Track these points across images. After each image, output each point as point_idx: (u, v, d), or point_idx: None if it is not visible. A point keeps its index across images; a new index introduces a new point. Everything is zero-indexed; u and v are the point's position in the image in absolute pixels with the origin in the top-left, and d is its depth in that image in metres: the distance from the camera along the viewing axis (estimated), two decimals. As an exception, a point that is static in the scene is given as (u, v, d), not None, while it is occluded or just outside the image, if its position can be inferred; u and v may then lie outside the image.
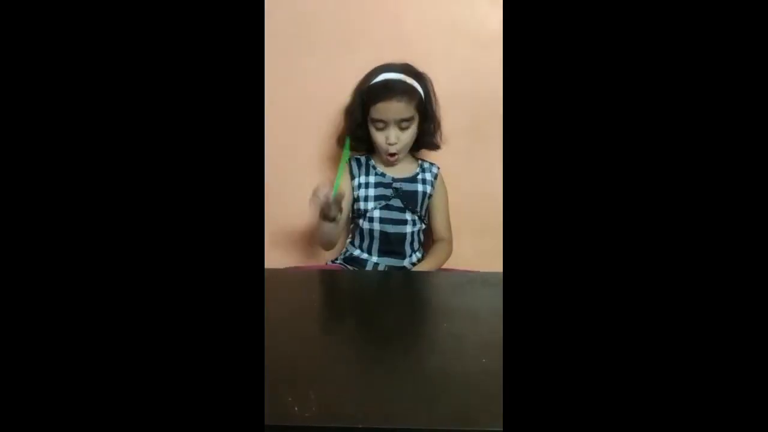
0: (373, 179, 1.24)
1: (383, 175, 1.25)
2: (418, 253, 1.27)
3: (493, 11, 1.29)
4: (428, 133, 1.24)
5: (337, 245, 1.29)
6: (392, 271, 1.22)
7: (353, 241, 1.27)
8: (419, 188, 1.25)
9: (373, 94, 1.16)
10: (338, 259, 1.29)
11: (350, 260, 1.25)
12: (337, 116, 1.28)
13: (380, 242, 1.23)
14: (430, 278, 1.10)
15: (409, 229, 1.24)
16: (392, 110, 1.15)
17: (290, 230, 1.43)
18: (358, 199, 1.24)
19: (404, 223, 1.23)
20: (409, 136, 1.19)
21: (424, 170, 1.28)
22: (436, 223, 1.30)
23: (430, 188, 1.27)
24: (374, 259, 1.23)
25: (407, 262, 1.24)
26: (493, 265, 1.20)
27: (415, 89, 1.17)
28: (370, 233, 1.23)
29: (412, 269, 1.21)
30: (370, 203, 1.23)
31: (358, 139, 1.23)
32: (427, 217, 1.29)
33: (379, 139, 1.19)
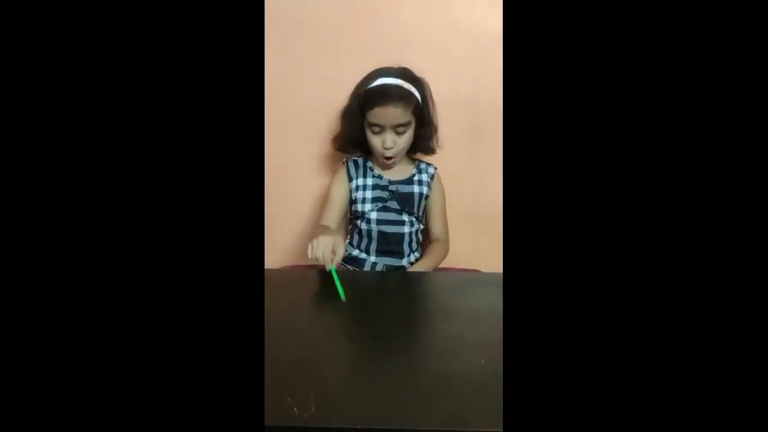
0: (370, 181, 1.25)
1: (380, 177, 1.25)
2: (416, 252, 1.27)
3: (493, 11, 1.28)
4: (424, 137, 1.24)
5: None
6: (391, 271, 1.22)
7: (351, 241, 1.27)
8: (415, 189, 1.25)
9: (369, 98, 1.15)
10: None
11: (349, 260, 1.25)
12: (335, 118, 1.28)
13: (378, 242, 1.24)
14: (429, 278, 1.09)
15: (406, 229, 1.24)
16: (389, 115, 1.14)
17: (290, 230, 1.43)
18: (355, 201, 1.24)
19: (402, 224, 1.24)
20: (405, 140, 1.19)
21: (420, 171, 1.28)
22: (432, 222, 1.30)
23: (426, 189, 1.27)
24: (372, 258, 1.24)
25: (405, 261, 1.24)
26: (492, 265, 1.21)
27: (411, 94, 1.17)
28: (368, 233, 1.24)
29: (409, 268, 1.22)
30: (367, 205, 1.23)
31: (354, 142, 1.23)
32: (424, 217, 1.29)
33: (375, 143, 1.19)
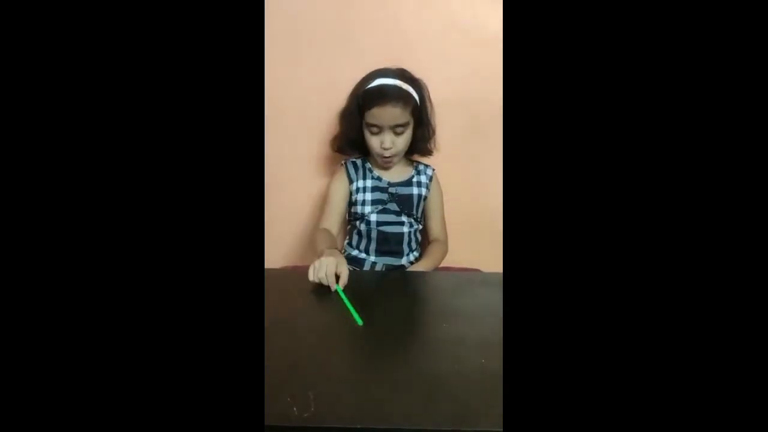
0: (369, 183, 1.24)
1: (379, 179, 1.25)
2: (415, 252, 1.27)
3: (493, 12, 1.28)
4: (422, 138, 1.24)
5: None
6: (391, 271, 1.22)
7: (351, 242, 1.27)
8: (414, 191, 1.25)
9: (368, 99, 1.15)
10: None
11: (348, 260, 1.24)
12: (335, 118, 1.28)
13: (378, 243, 1.24)
14: (429, 278, 1.09)
15: (406, 229, 1.24)
16: (387, 115, 1.14)
17: (289, 231, 1.43)
18: (355, 202, 1.24)
19: (401, 224, 1.24)
20: (403, 141, 1.19)
21: (419, 173, 1.28)
22: (431, 223, 1.30)
23: (425, 191, 1.27)
24: (372, 258, 1.24)
25: (405, 260, 1.24)
26: (492, 265, 1.21)
27: (410, 95, 1.17)
28: (367, 234, 1.24)
29: (409, 268, 1.22)
30: (367, 207, 1.23)
31: (353, 143, 1.23)
32: (422, 218, 1.29)
33: (373, 143, 1.19)
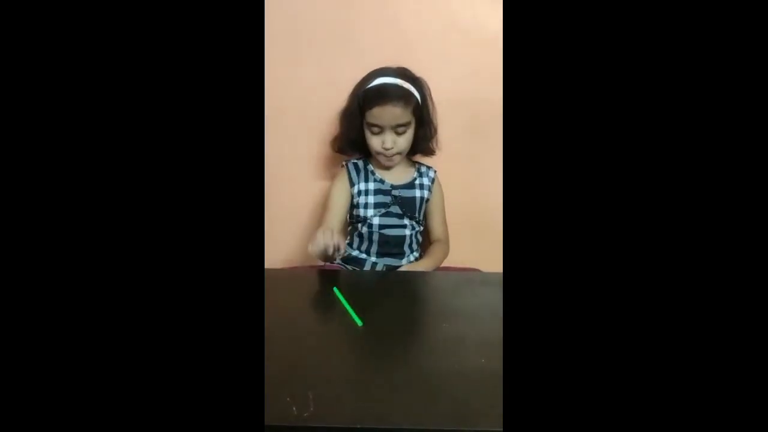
0: (372, 186, 1.23)
1: (382, 181, 1.23)
2: (415, 252, 1.26)
3: (493, 12, 1.28)
4: (424, 138, 1.22)
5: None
6: (391, 271, 1.21)
7: (351, 243, 1.26)
8: (417, 194, 1.24)
9: (369, 98, 1.14)
10: (336, 259, 1.29)
11: (349, 260, 1.24)
12: (335, 118, 1.27)
13: (379, 245, 1.23)
14: (429, 278, 1.09)
15: (407, 232, 1.23)
16: (388, 115, 1.13)
17: (289, 231, 1.43)
18: (357, 205, 1.23)
19: (403, 227, 1.23)
20: (405, 141, 1.17)
21: (421, 175, 1.27)
22: (433, 224, 1.29)
23: (427, 193, 1.26)
24: (373, 259, 1.23)
25: (405, 261, 1.23)
26: (492, 265, 1.21)
27: (411, 94, 1.15)
28: (369, 236, 1.23)
29: (409, 267, 1.21)
30: (369, 210, 1.22)
31: (353, 143, 1.21)
32: (424, 219, 1.29)
33: (374, 143, 1.17)
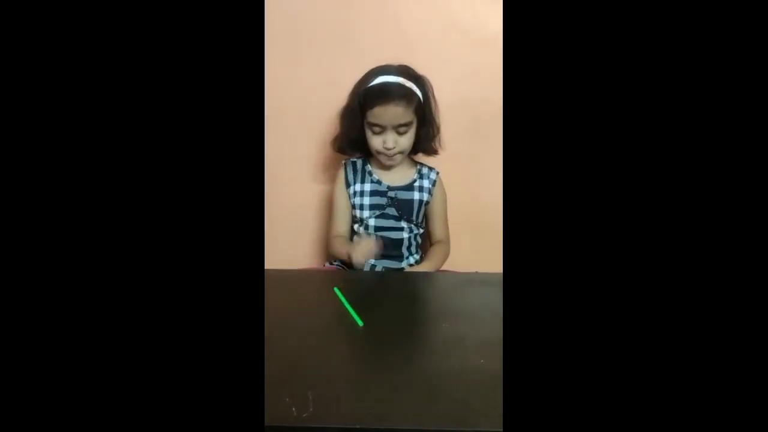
0: (368, 187, 1.20)
1: (379, 182, 1.20)
2: (415, 254, 1.24)
3: (493, 12, 1.27)
4: (426, 138, 1.19)
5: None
6: (391, 271, 1.20)
7: None
8: (415, 197, 1.21)
9: (370, 97, 1.11)
10: (336, 259, 1.28)
11: (348, 262, 1.24)
12: (335, 118, 1.24)
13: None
14: (429, 279, 1.08)
15: (405, 234, 1.21)
16: (390, 114, 1.10)
17: (289, 231, 1.42)
18: (354, 206, 1.21)
19: (400, 230, 1.21)
20: (407, 140, 1.14)
21: (422, 176, 1.24)
22: (434, 226, 1.27)
23: (427, 196, 1.23)
24: (372, 260, 1.22)
25: (405, 263, 1.22)
26: (492, 265, 1.21)
27: (413, 93, 1.12)
28: None
29: (410, 269, 1.20)
30: (365, 212, 1.19)
31: (354, 143, 1.18)
32: (424, 221, 1.27)
33: (375, 143, 1.14)
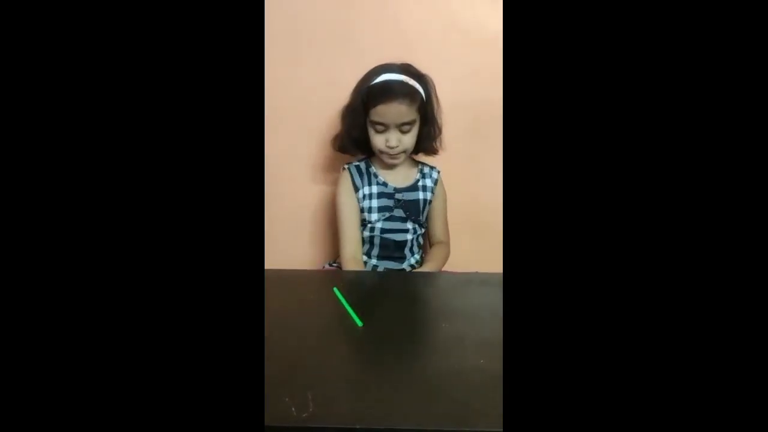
0: (375, 189, 1.19)
1: (385, 184, 1.20)
2: (416, 255, 1.24)
3: (493, 12, 1.27)
4: (428, 137, 1.18)
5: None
6: (391, 271, 1.19)
7: None
8: (420, 196, 1.22)
9: (373, 95, 1.10)
10: (336, 261, 1.28)
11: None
12: (335, 118, 1.24)
13: (380, 248, 1.21)
14: (429, 279, 1.08)
15: (410, 236, 1.21)
16: (393, 113, 1.09)
17: (289, 231, 1.42)
18: (362, 210, 1.19)
19: (406, 231, 1.21)
20: (410, 139, 1.14)
21: (424, 176, 1.24)
22: (434, 226, 1.27)
23: (430, 194, 1.23)
24: (373, 261, 1.22)
25: (406, 264, 1.22)
26: (492, 266, 1.21)
27: (416, 91, 1.12)
28: (370, 240, 1.21)
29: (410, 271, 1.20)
30: (374, 215, 1.19)
31: (355, 142, 1.18)
32: (426, 220, 1.27)
33: (378, 142, 1.13)
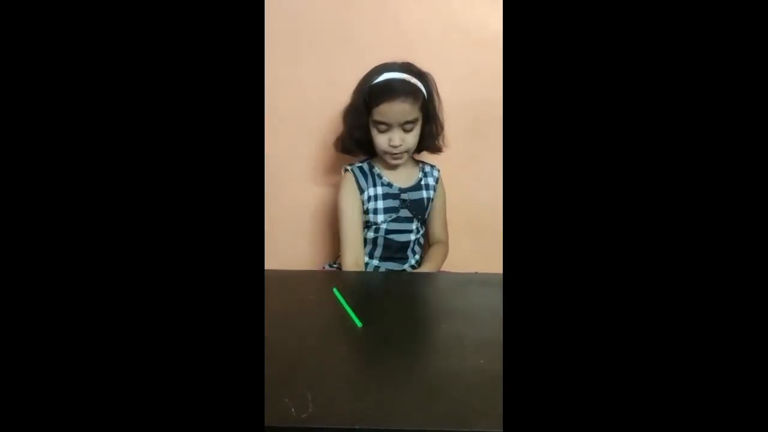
0: (380, 190, 1.18)
1: (390, 185, 1.19)
2: (417, 255, 1.24)
3: (493, 12, 1.27)
4: (431, 135, 1.18)
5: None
6: (391, 272, 1.19)
7: None
8: (424, 195, 1.22)
9: (375, 94, 1.09)
10: (336, 262, 1.28)
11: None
12: (336, 119, 1.24)
13: (384, 249, 1.21)
14: (428, 279, 1.08)
15: (413, 236, 1.21)
16: (396, 111, 1.08)
17: (289, 231, 1.42)
18: (367, 211, 1.18)
19: (410, 232, 1.21)
20: (412, 138, 1.13)
21: (426, 175, 1.24)
22: (434, 225, 1.27)
23: (432, 193, 1.23)
24: (375, 262, 1.21)
25: (407, 265, 1.22)
26: (492, 266, 1.21)
27: (419, 89, 1.11)
28: (374, 241, 1.21)
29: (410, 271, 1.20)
30: (380, 216, 1.18)
31: (358, 142, 1.18)
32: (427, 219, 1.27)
33: (381, 141, 1.13)
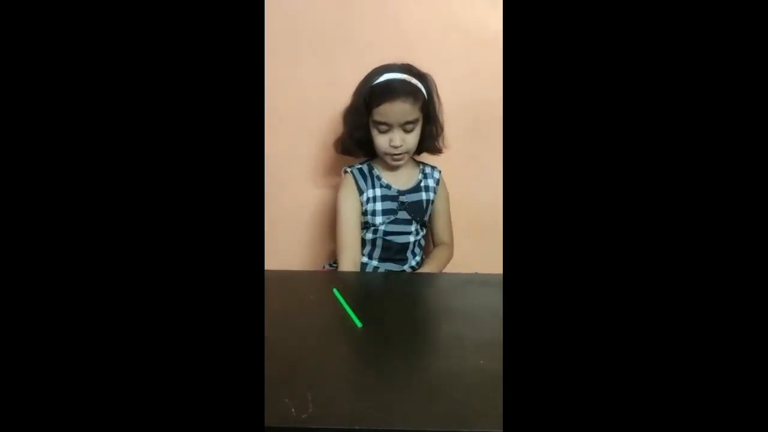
0: (379, 192, 1.18)
1: (389, 187, 1.19)
2: (417, 257, 1.24)
3: (493, 12, 1.27)
4: (431, 136, 1.18)
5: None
6: (391, 272, 1.19)
7: None
8: (423, 197, 1.21)
9: (376, 95, 1.09)
10: (335, 262, 1.28)
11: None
12: (335, 119, 1.23)
13: (383, 250, 1.20)
14: (429, 279, 1.08)
15: (412, 238, 1.21)
16: (397, 112, 1.08)
17: (289, 232, 1.42)
18: (365, 213, 1.18)
19: (409, 233, 1.20)
20: (413, 139, 1.13)
21: (426, 176, 1.23)
22: (437, 227, 1.27)
23: (432, 194, 1.23)
24: (374, 263, 1.21)
25: (407, 266, 1.21)
26: (492, 266, 1.21)
27: (419, 90, 1.11)
28: (373, 242, 1.20)
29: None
30: (378, 218, 1.17)
31: (358, 143, 1.17)
32: (428, 221, 1.26)
33: (381, 142, 1.12)
